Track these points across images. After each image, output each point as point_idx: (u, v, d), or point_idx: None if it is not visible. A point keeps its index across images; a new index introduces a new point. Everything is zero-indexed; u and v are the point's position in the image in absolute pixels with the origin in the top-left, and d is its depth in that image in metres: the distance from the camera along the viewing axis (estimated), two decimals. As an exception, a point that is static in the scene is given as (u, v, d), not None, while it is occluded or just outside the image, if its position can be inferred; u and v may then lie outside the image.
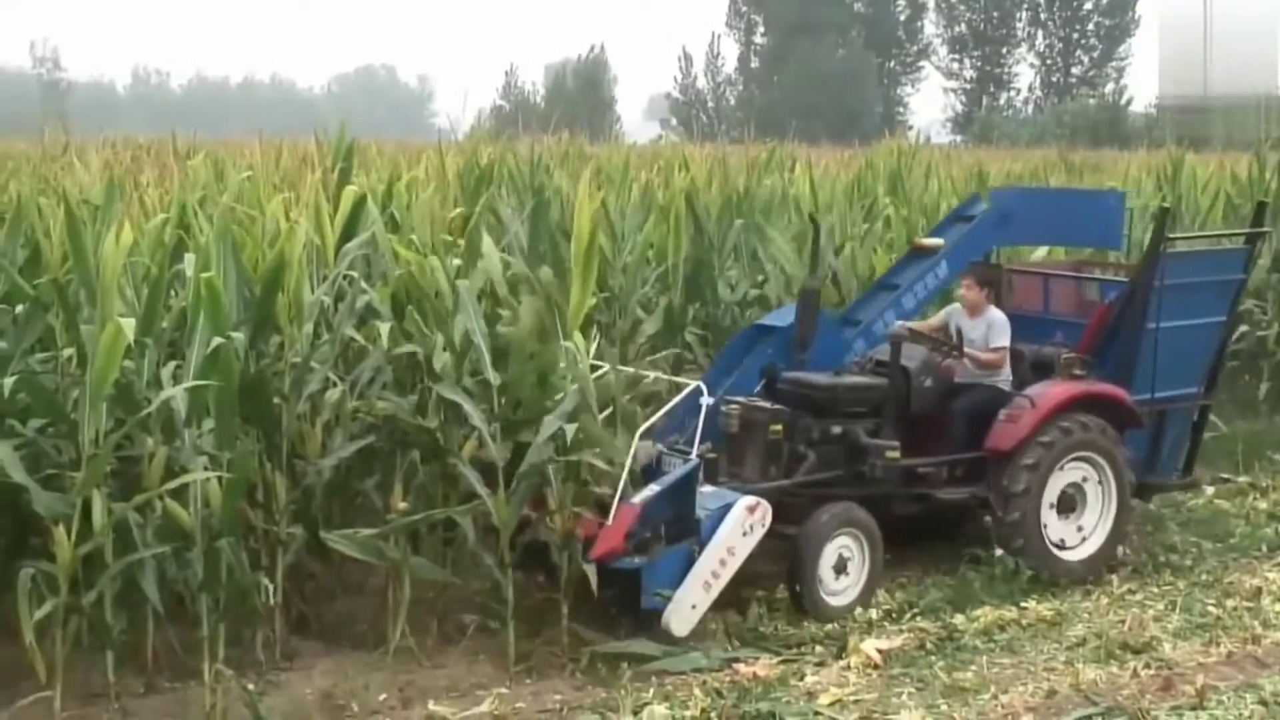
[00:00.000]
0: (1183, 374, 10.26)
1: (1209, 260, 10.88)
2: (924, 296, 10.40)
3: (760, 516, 8.20)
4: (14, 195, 8.94)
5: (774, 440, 8.97)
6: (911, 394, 9.40)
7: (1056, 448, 9.30)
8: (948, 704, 7.47)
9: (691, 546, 8.06)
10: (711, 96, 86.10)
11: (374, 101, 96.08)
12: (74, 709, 6.89)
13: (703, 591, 7.98)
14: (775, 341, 9.75)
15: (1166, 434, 10.41)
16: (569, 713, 7.28)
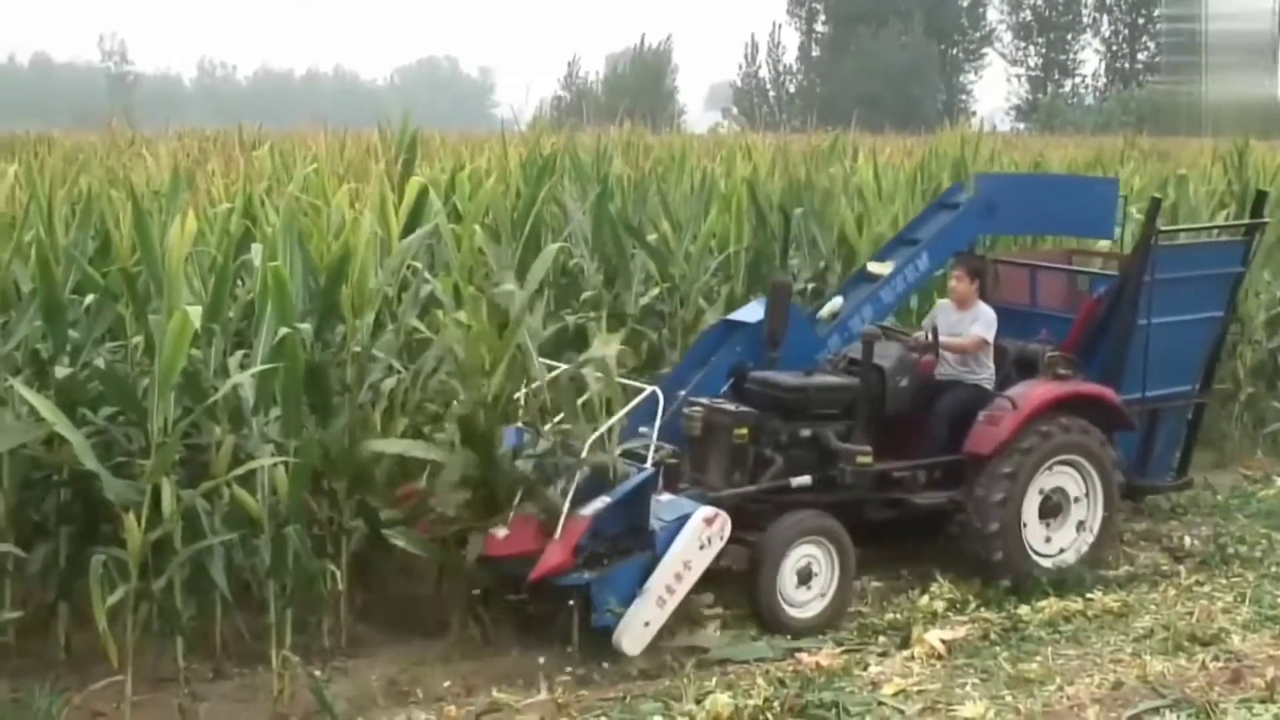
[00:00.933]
0: (1176, 372, 9.87)
1: (1205, 253, 10.47)
2: (903, 290, 10.02)
3: (719, 528, 7.75)
4: (84, 187, 9.03)
5: (739, 444, 8.53)
6: (886, 394, 8.95)
7: (1038, 451, 8.86)
8: (1012, 695, 7.42)
9: (646, 560, 7.64)
10: (773, 86, 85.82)
11: (437, 93, 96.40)
12: (144, 693, 6.95)
13: (657, 608, 7.56)
14: (744, 338, 9.25)
15: (1159, 435, 10.01)
16: (632, 701, 7.28)
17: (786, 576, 8.18)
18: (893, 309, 10.00)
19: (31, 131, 18.38)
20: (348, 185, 9.05)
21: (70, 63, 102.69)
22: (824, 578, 8.31)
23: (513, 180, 11.14)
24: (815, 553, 8.28)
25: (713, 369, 9.10)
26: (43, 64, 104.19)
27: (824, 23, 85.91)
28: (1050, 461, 8.94)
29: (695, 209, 11.31)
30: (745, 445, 8.53)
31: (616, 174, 11.87)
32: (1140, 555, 9.96)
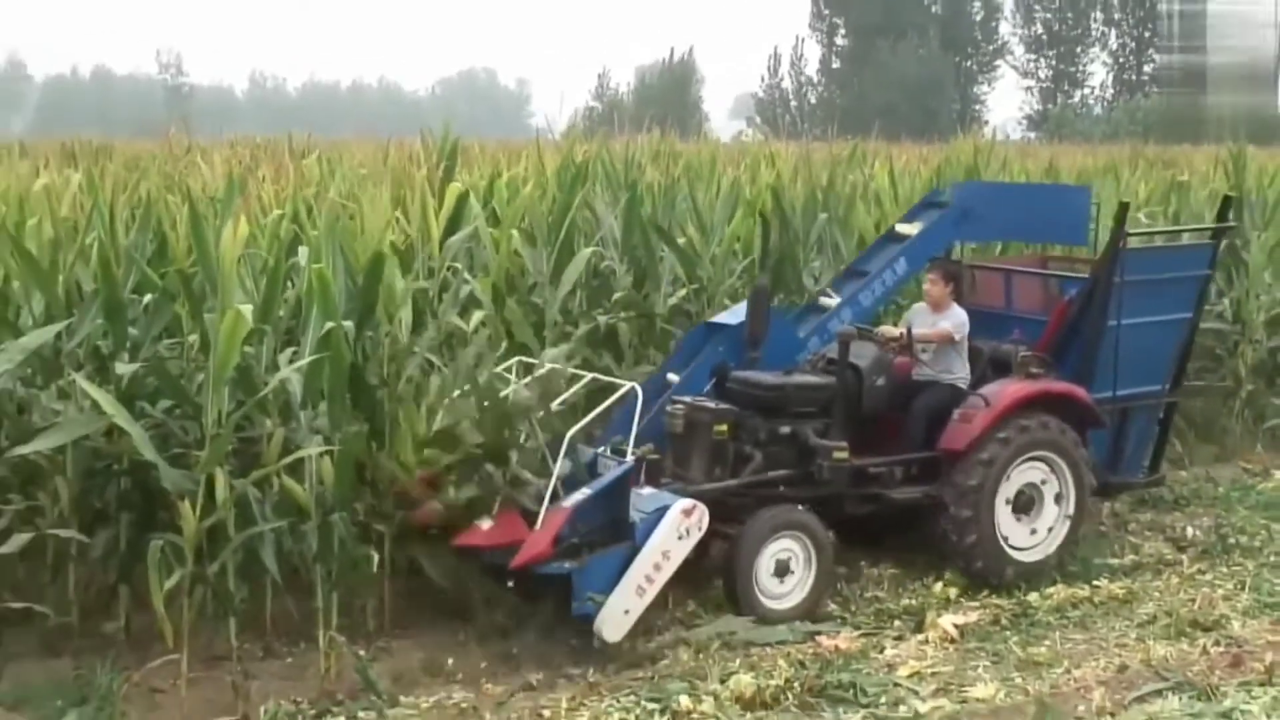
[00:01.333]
0: (1146, 372, 9.66)
1: (1173, 257, 10.23)
2: (881, 293, 9.82)
3: (696, 520, 7.64)
4: (143, 193, 9.07)
5: (718, 441, 8.40)
6: (863, 393, 8.80)
7: (1010, 448, 8.70)
8: (1021, 677, 7.42)
9: (626, 550, 7.53)
10: (795, 96, 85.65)
11: (475, 103, 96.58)
12: (199, 670, 6.99)
13: (636, 596, 7.45)
14: (726, 339, 9.11)
15: (1130, 433, 9.82)
16: (660, 680, 7.29)
17: (763, 569, 8.08)
18: (871, 312, 9.82)
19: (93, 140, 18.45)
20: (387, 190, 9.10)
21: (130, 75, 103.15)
22: (800, 570, 8.20)
23: (548, 186, 11.14)
24: (792, 546, 8.16)
25: (696, 369, 8.98)
26: (104, 76, 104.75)
27: (844, 36, 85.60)
28: (1022, 457, 8.80)
29: (721, 214, 11.29)
30: (725, 441, 8.41)
31: (646, 180, 11.85)
32: (1145, 545, 9.92)
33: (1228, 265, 12.84)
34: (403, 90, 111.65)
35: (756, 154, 14.95)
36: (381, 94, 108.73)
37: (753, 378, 8.73)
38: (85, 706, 6.75)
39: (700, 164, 13.03)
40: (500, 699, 7.09)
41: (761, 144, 19.85)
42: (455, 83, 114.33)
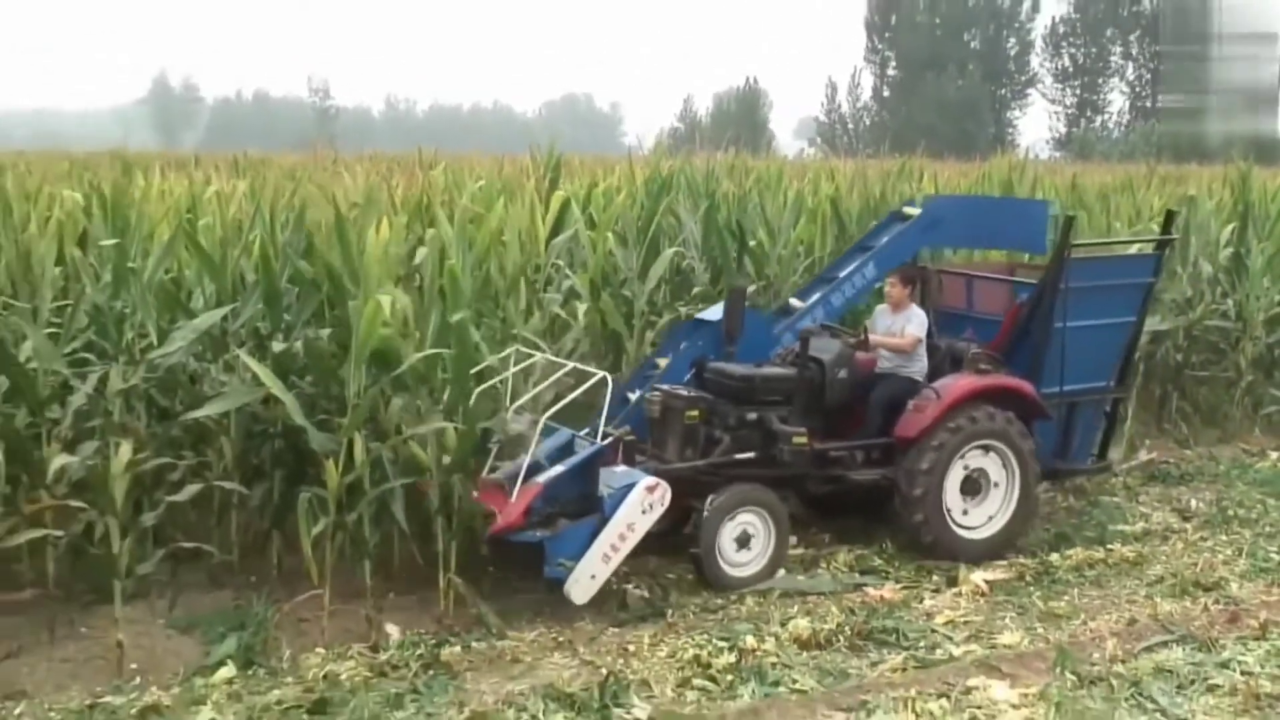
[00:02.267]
0: (1092, 369, 9.27)
1: (1117, 265, 9.82)
2: (851, 295, 9.39)
3: (659, 496, 7.36)
4: (297, 199, 9.16)
5: (690, 425, 8.14)
6: (826, 384, 8.49)
7: (959, 436, 8.38)
8: (1043, 627, 7.35)
9: (595, 522, 7.30)
10: (851, 119, 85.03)
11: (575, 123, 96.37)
12: (338, 604, 7.06)
13: (602, 563, 7.23)
14: (706, 334, 8.79)
15: (1077, 424, 9.41)
16: (728, 622, 7.30)
17: (726, 541, 7.86)
18: (841, 312, 9.44)
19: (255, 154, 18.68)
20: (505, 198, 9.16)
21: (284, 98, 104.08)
22: (760, 542, 7.96)
23: (638, 195, 11.14)
24: (754, 521, 7.93)
25: (678, 360, 8.71)
26: (262, 98, 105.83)
27: (895, 68, 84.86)
28: (970, 445, 8.47)
29: (788, 220, 11.22)
30: (696, 426, 8.17)
31: (723, 191, 11.80)
32: (1154, 514, 9.75)
33: (1232, 270, 12.61)
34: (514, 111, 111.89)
35: (818, 169, 14.88)
36: (496, 115, 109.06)
37: (726, 369, 8.46)
38: (243, 632, 6.85)
39: (769, 177, 12.94)
40: (592, 634, 7.12)
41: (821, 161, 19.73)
42: (558, 105, 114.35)
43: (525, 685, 6.32)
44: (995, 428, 8.52)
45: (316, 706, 6.01)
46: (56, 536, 6.86)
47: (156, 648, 6.72)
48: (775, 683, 6.43)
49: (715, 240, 11.00)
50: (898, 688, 6.35)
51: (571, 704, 6.07)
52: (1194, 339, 12.37)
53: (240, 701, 6.07)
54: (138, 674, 6.46)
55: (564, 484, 7.42)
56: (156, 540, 7.18)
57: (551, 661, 6.72)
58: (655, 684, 6.36)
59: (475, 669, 6.59)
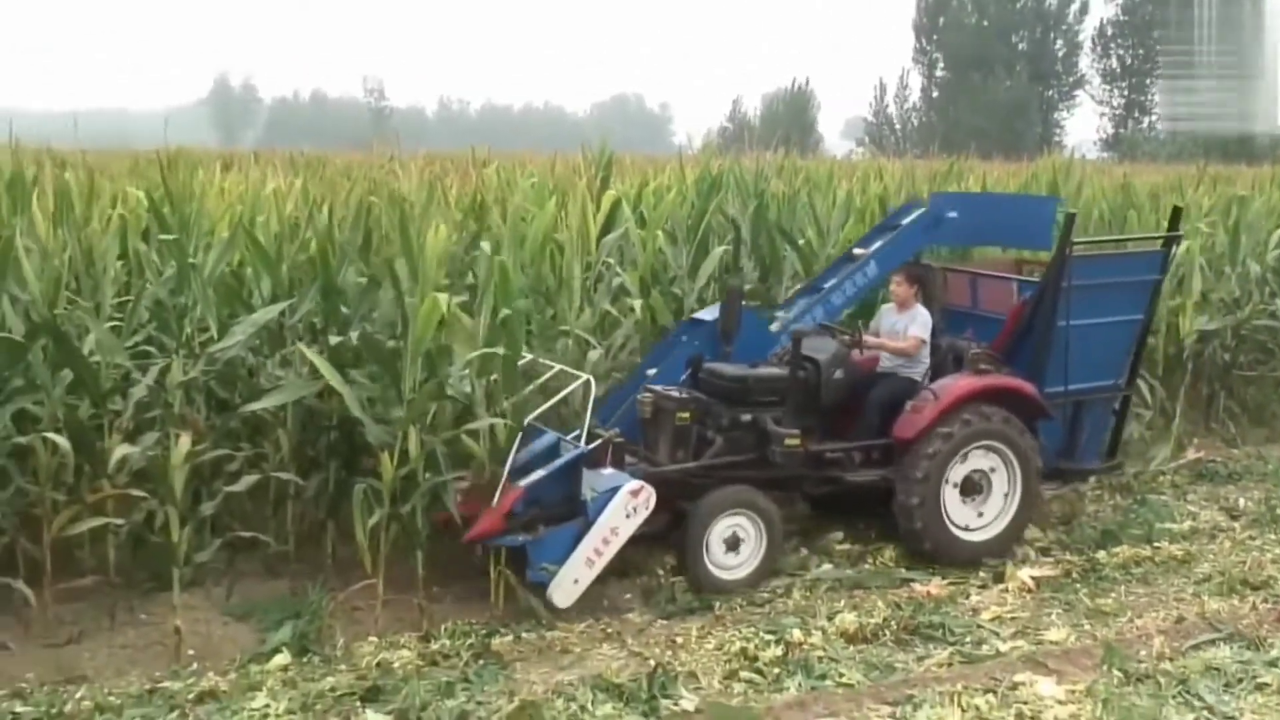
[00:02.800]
0: (1098, 367, 8.95)
1: (1121, 263, 9.46)
2: (853, 294, 9.12)
3: (644, 499, 7.18)
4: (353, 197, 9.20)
5: (680, 426, 7.90)
6: (822, 385, 8.24)
7: (957, 436, 8.12)
8: (1090, 624, 7.27)
9: (579, 525, 7.14)
10: (899, 120, 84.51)
11: (626, 123, 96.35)
12: (391, 594, 7.10)
13: (585, 567, 7.06)
14: (701, 334, 8.56)
15: (1084, 423, 9.07)
16: (775, 615, 7.27)
17: (714, 543, 7.64)
18: (842, 311, 9.13)
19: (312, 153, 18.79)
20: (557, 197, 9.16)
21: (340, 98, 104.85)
22: (751, 545, 7.73)
23: (688, 194, 11.11)
24: (744, 524, 7.71)
25: (673, 361, 8.47)
26: (319, 99, 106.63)
27: (943, 69, 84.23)
28: (970, 446, 8.21)
29: (837, 220, 11.15)
30: (687, 427, 7.94)
31: (772, 190, 11.74)
32: (1201, 513, 9.62)
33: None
34: (564, 112, 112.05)
35: (866, 169, 14.77)
36: (546, 115, 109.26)
37: (719, 369, 8.24)
38: (298, 620, 6.90)
39: (819, 177, 12.87)
40: (640, 626, 7.11)
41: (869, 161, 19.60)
42: (608, 105, 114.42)
43: (574, 675, 6.33)
44: (995, 428, 8.28)
45: (369, 694, 6.04)
46: (117, 525, 6.95)
47: (213, 634, 6.78)
48: (821, 676, 6.41)
49: (764, 239, 10.95)
50: (944, 682, 6.31)
51: (620, 694, 6.07)
52: (1242, 338, 12.17)
53: (295, 688, 6.11)
54: (195, 660, 6.52)
55: (546, 487, 7.24)
56: (214, 529, 7.25)
57: (600, 652, 6.72)
58: (703, 676, 6.35)
59: (525, 659, 6.60)
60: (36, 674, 6.30)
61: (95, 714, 5.82)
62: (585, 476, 7.35)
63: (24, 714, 5.80)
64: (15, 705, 5.89)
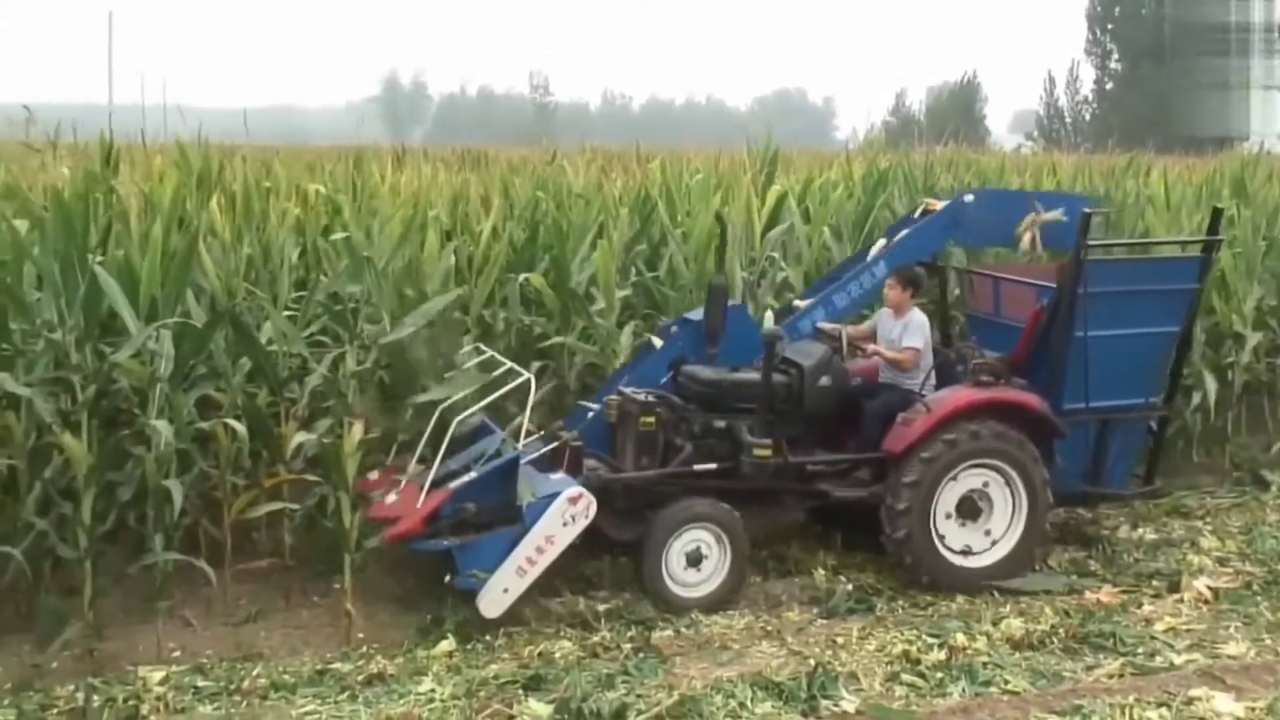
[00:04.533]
0: (1128, 383, 8.13)
1: (1154, 269, 8.65)
2: (858, 296, 8.39)
3: (583, 508, 6.77)
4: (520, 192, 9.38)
5: (644, 431, 7.44)
6: (805, 392, 7.61)
7: (950, 453, 7.47)
8: (1272, 638, 6.96)
9: (516, 531, 6.74)
10: (1069, 113, 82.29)
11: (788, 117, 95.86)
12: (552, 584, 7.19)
13: (516, 577, 6.65)
14: (686, 334, 8.01)
15: (1111, 444, 8.21)
16: (938, 619, 7.16)
17: (674, 559, 7.18)
18: (846, 313, 8.43)
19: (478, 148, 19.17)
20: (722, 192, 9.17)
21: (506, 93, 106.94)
22: (714, 561, 7.25)
23: (855, 190, 11.00)
24: (705, 538, 7.22)
25: (653, 361, 7.96)
26: (486, 95, 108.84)
27: (1117, 60, 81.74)
28: (966, 464, 7.55)
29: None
30: (652, 432, 7.46)
31: (941, 186, 11.52)
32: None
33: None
34: (726, 106, 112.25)
35: (1039, 164, 14.40)
36: (709, 109, 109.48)
37: (695, 372, 7.71)
38: (463, 607, 6.99)
39: (989, 172, 12.59)
40: (800, 625, 7.07)
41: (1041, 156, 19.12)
42: (771, 100, 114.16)
43: (733, 672, 6.32)
44: (996, 446, 7.60)
45: (531, 682, 6.13)
46: (292, 509, 7.19)
47: (382, 618, 6.95)
48: (986, 682, 6.27)
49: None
50: (1114, 694, 6.12)
51: (779, 693, 6.04)
52: None
53: (459, 674, 6.23)
54: (364, 643, 6.70)
55: (478, 490, 6.85)
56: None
57: (759, 650, 6.69)
58: (863, 677, 6.28)
59: (684, 653, 6.62)
60: (216, 650, 6.56)
61: (270, 691, 6.04)
62: (533, 480, 7.03)
63: (204, 688, 6.06)
64: (197, 679, 6.16)
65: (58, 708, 5.85)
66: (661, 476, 7.43)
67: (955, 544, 7.65)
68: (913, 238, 8.51)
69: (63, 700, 5.91)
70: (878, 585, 7.68)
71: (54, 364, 6.60)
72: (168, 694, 5.95)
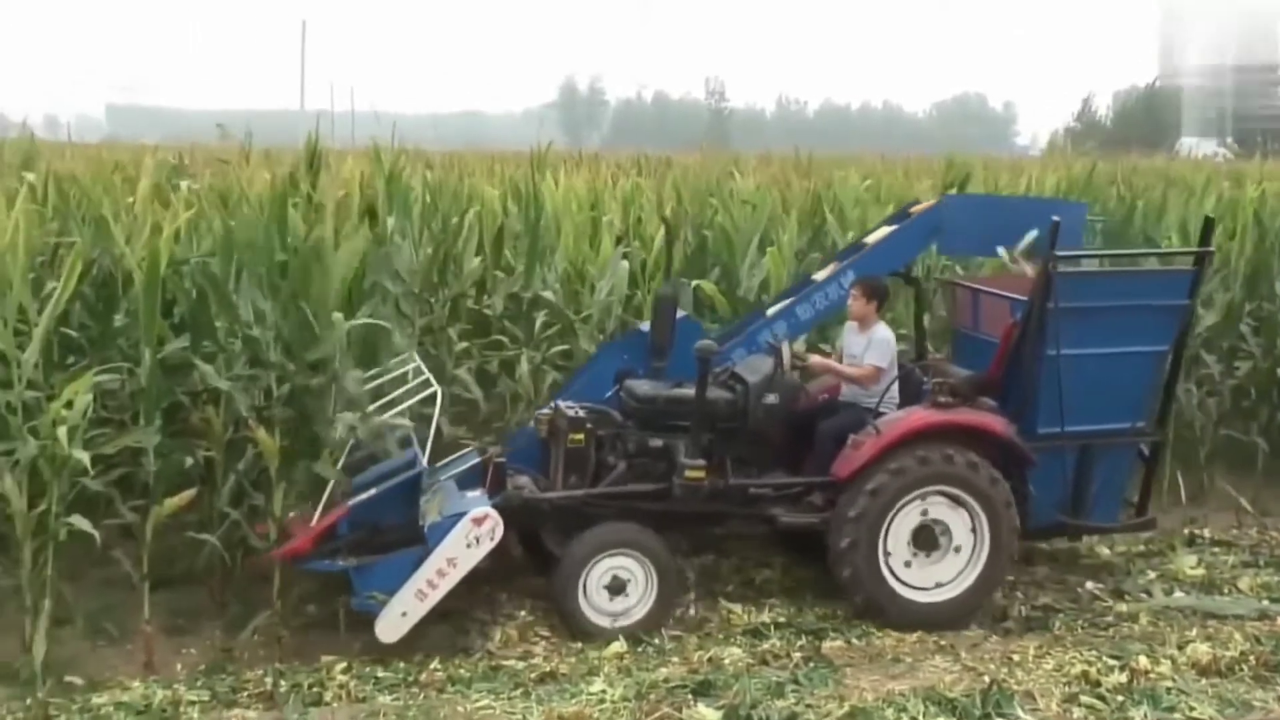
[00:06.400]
0: (1110, 406, 7.43)
1: (1137, 283, 7.86)
2: (824, 307, 7.74)
3: (488, 529, 6.44)
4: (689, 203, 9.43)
5: (573, 448, 7.06)
6: (749, 410, 7.12)
7: (900, 480, 6.91)
8: None
9: (420, 553, 6.45)
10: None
11: (967, 123, 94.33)
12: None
13: (416, 600, 6.37)
14: (631, 346, 7.62)
15: (1094, 472, 7.50)
16: (1120, 640, 6.95)
17: (593, 586, 6.79)
18: (809, 326, 7.91)
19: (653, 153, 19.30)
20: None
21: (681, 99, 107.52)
22: (639, 587, 6.83)
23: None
24: (628, 564, 6.80)
25: (596, 374, 7.56)
26: (661, 100, 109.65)
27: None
28: (918, 491, 6.98)
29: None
30: (582, 449, 7.08)
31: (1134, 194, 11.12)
32: None
33: None
34: (903, 111, 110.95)
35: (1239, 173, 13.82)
36: (885, 115, 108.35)
37: (633, 387, 7.28)
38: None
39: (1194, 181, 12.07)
40: (975, 641, 6.94)
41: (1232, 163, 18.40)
42: (949, 105, 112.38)
43: (905, 685, 6.23)
44: (952, 471, 6.99)
45: (700, 687, 6.14)
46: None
47: (553, 619, 7.03)
48: (1170, 708, 6.06)
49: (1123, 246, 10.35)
50: (1310, 726, 5.86)
51: (952, 709, 5.93)
52: None
53: (630, 676, 6.28)
54: (537, 640, 6.80)
55: (380, 508, 6.56)
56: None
57: (932, 664, 6.59)
58: (1039, 697, 6.12)
59: (855, 664, 6.55)
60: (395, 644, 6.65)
61: (447, 685, 6.19)
62: (448, 499, 6.84)
63: (384, 679, 6.25)
64: (377, 670, 6.35)
65: (247, 690, 6.10)
66: (589, 497, 7.05)
67: (912, 579, 7.09)
68: (885, 245, 7.91)
69: (252, 684, 6.16)
70: (1055, 604, 7.50)
71: (252, 360, 6.88)
72: (350, 683, 6.16)
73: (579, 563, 6.78)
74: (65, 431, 5.92)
